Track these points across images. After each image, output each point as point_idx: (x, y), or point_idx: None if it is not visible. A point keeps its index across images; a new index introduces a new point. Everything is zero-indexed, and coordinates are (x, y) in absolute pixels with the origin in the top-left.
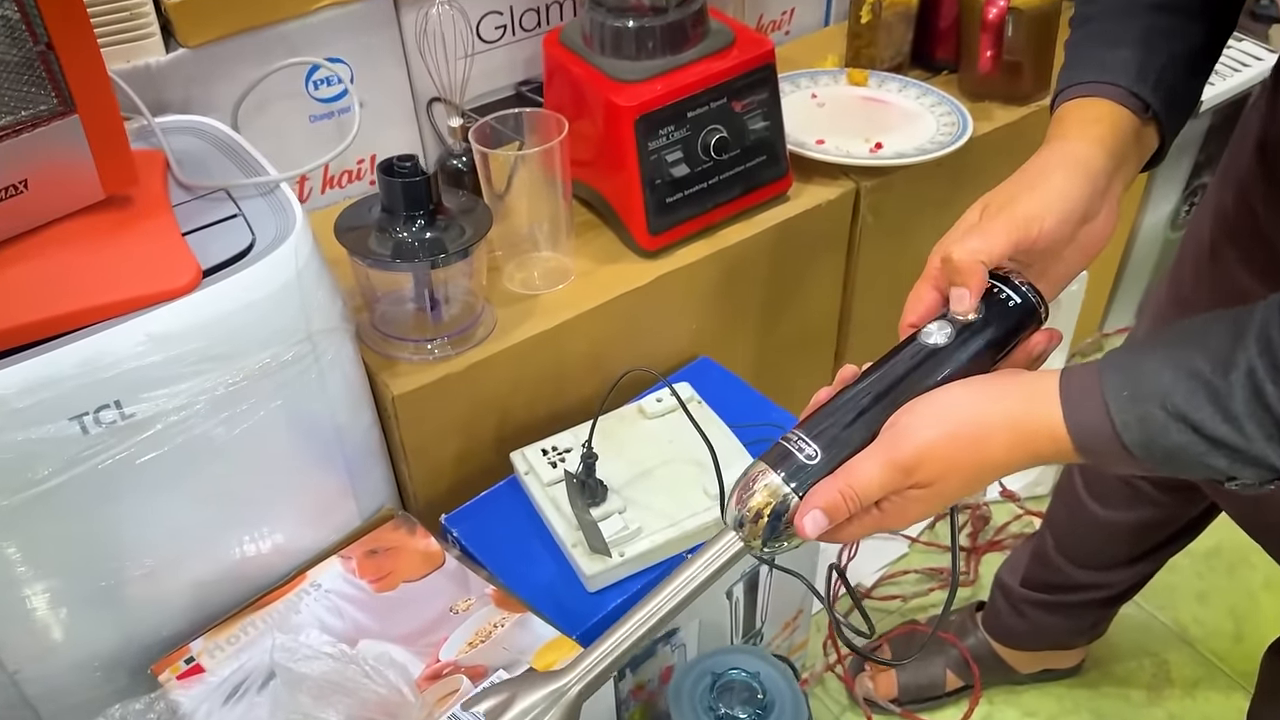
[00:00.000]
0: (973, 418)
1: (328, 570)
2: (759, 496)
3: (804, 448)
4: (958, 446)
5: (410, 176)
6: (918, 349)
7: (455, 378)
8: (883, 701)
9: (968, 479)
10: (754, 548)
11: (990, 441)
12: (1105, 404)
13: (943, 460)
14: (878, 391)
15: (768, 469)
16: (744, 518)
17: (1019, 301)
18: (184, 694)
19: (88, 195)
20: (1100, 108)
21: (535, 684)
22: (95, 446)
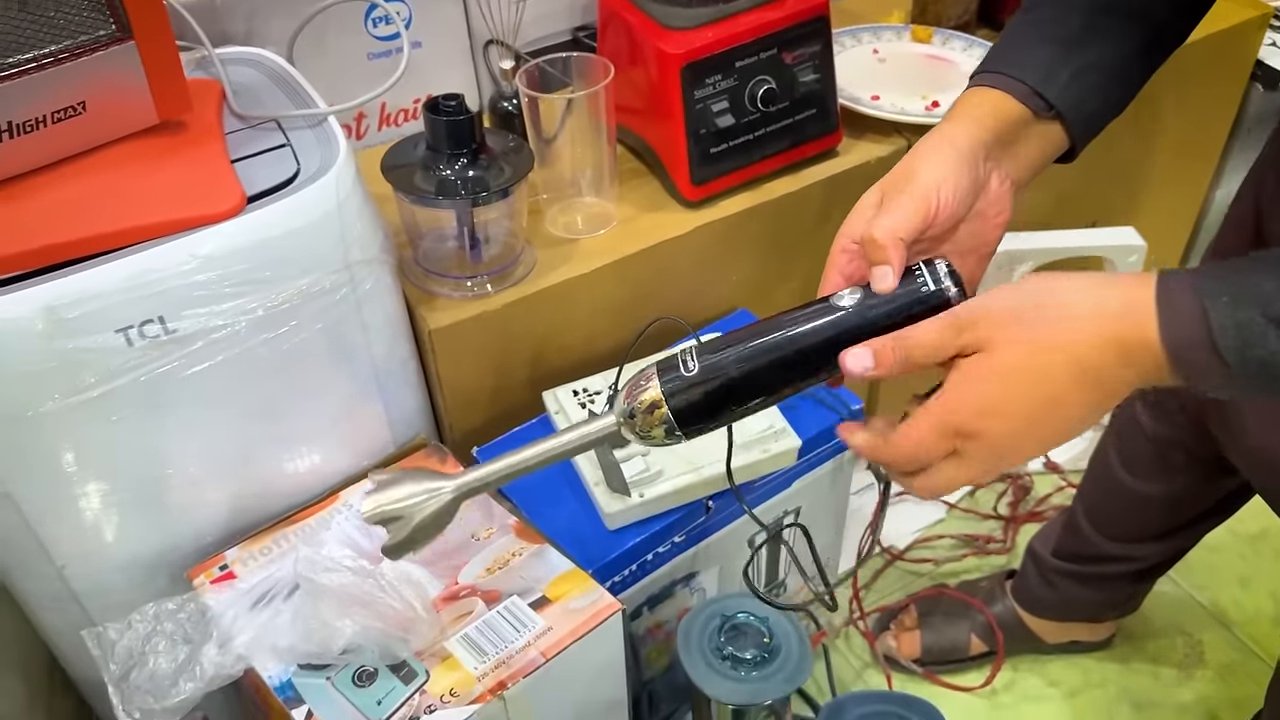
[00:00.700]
0: (1048, 286)
1: (360, 492)
2: (644, 395)
3: (688, 362)
4: (1024, 306)
5: (455, 115)
6: (824, 306)
7: (491, 315)
8: (905, 660)
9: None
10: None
11: (1066, 314)
12: (1203, 306)
13: (1004, 318)
14: (770, 334)
15: (654, 373)
16: (635, 409)
17: (932, 288)
18: (214, 597)
19: (143, 119)
20: (989, 97)
21: (421, 478)
22: (139, 359)
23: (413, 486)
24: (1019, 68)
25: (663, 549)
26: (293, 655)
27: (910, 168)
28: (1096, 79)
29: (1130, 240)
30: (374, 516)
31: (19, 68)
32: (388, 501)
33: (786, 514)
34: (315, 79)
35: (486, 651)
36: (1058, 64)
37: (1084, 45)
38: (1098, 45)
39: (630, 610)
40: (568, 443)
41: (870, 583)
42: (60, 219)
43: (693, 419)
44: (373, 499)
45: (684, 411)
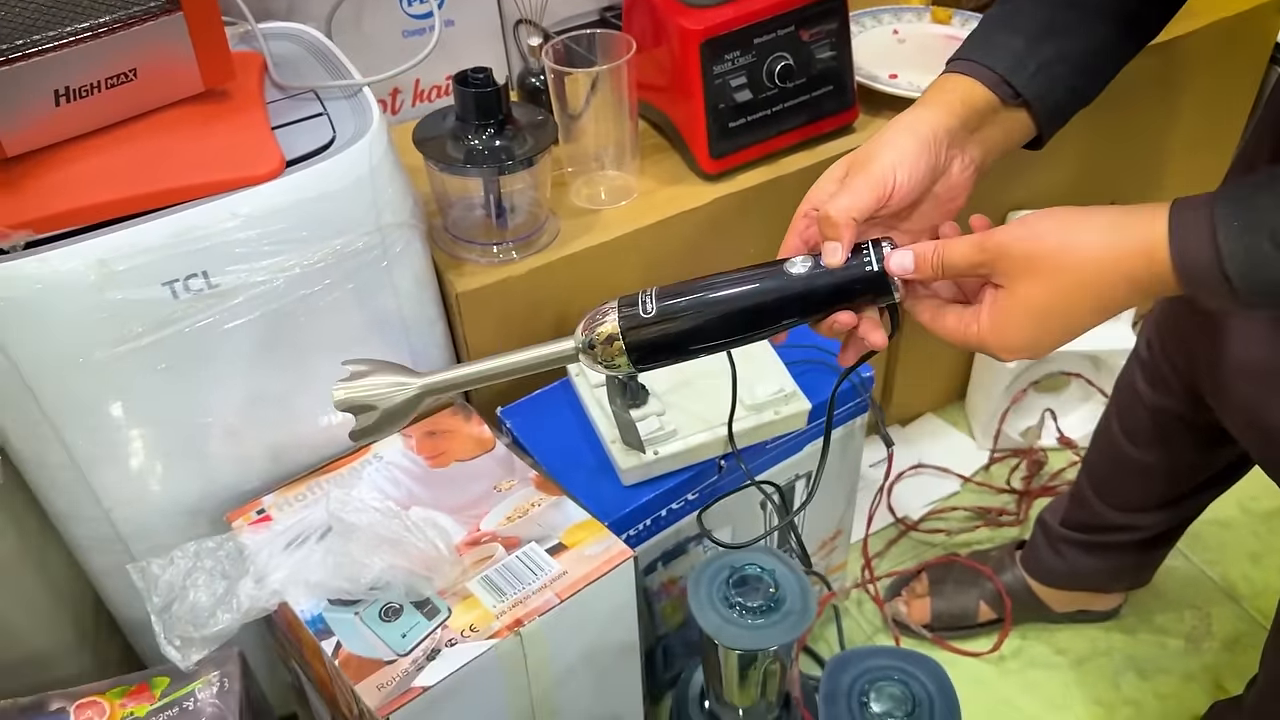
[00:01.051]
0: (1070, 212)
1: (390, 445)
2: (602, 327)
3: (647, 303)
4: (1048, 229)
5: (483, 87)
6: (777, 270)
7: (516, 280)
8: (915, 625)
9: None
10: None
11: (1085, 236)
12: (1213, 229)
13: (1024, 253)
14: (723, 289)
15: (615, 309)
16: (594, 340)
17: (875, 269)
18: (251, 538)
19: (189, 87)
20: (961, 83)
21: (391, 370)
22: (183, 310)
23: (382, 379)
24: (990, 56)
25: (676, 505)
26: (324, 590)
27: (872, 149)
28: (1063, 70)
29: None
30: (344, 403)
31: (76, 36)
32: (358, 389)
33: (798, 477)
34: (352, 54)
35: (505, 592)
36: (1026, 54)
37: (1053, 37)
38: (1066, 37)
39: (645, 565)
40: (526, 360)
41: (883, 551)
42: (112, 179)
43: (646, 355)
44: (344, 386)
45: (638, 347)
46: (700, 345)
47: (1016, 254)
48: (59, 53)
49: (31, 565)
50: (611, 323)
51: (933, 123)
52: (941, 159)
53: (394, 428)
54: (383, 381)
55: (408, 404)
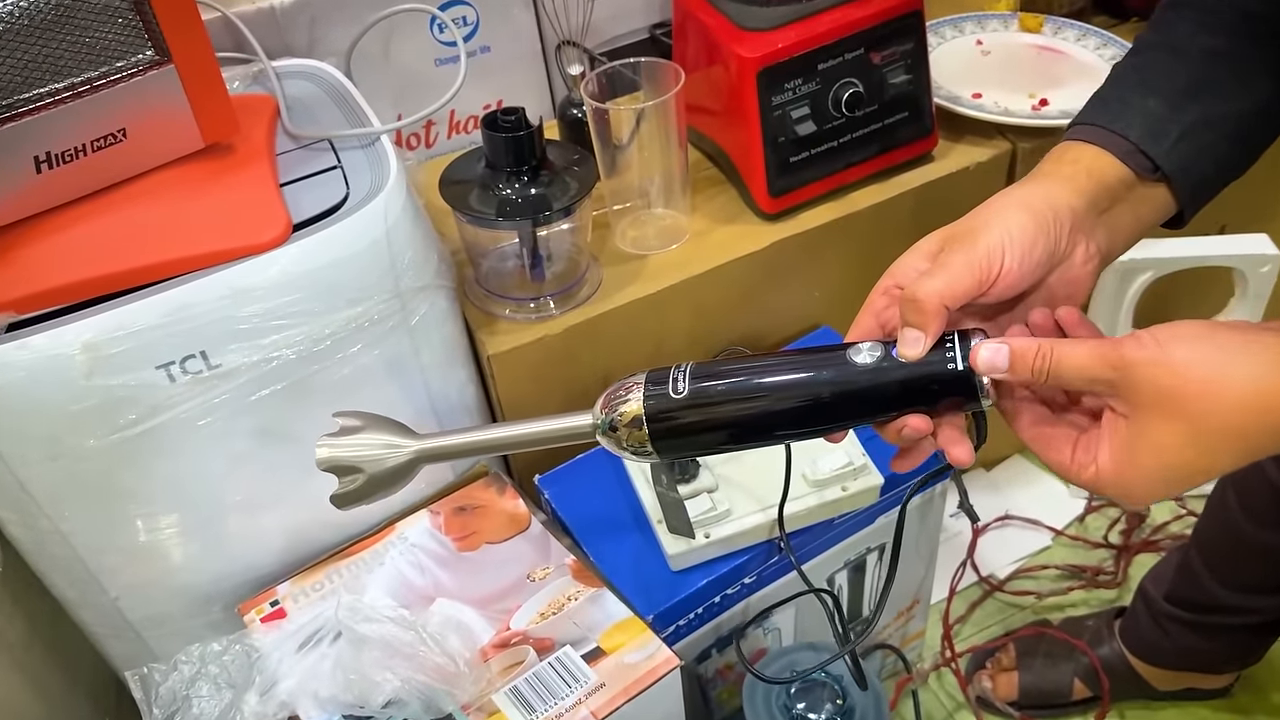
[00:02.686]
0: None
1: (415, 524)
2: (625, 407)
3: (679, 382)
4: (1190, 360)
5: (514, 131)
6: (838, 356)
7: (553, 339)
8: (1000, 703)
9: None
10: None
11: (1238, 370)
12: None
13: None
14: (771, 374)
15: (640, 385)
16: (616, 422)
17: (959, 368)
18: (263, 638)
19: (188, 144)
20: (1085, 154)
21: (386, 429)
22: (181, 394)
23: (374, 437)
24: (1121, 120)
25: (731, 591)
26: (335, 706)
27: (976, 222)
28: (1211, 137)
29: (1264, 249)
30: (326, 462)
31: (55, 96)
32: (344, 447)
33: (869, 550)
34: (380, 87)
35: (535, 708)
36: (1166, 118)
37: (1198, 98)
38: (1214, 98)
39: (698, 653)
40: (536, 433)
41: (965, 615)
42: (100, 252)
43: (674, 446)
44: (329, 443)
45: (665, 435)
46: (737, 441)
47: (1150, 383)
48: (37, 115)
49: (41, 648)
50: (636, 402)
51: (1053, 199)
52: (1062, 244)
53: (382, 495)
54: (374, 441)
55: (398, 470)
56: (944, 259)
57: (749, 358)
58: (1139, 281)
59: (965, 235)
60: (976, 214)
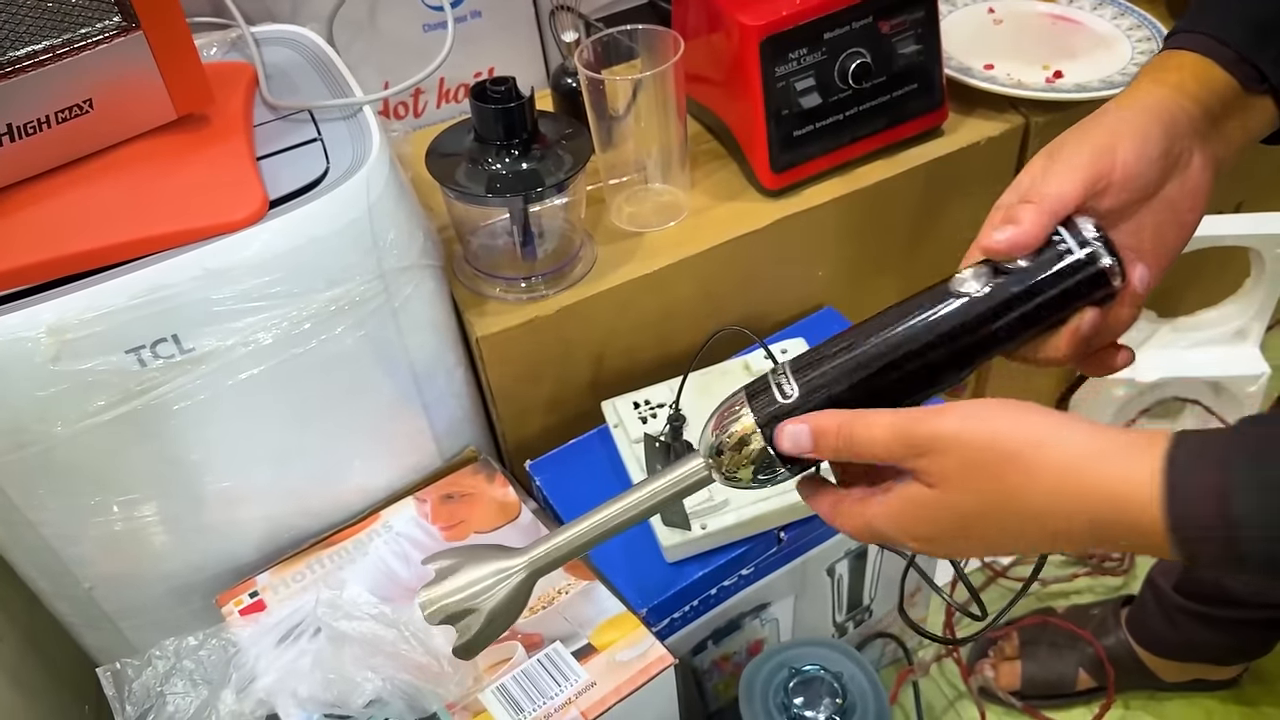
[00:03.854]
0: (1029, 414)
1: (401, 512)
2: (735, 427)
3: (783, 384)
4: (1005, 432)
5: (504, 102)
6: (942, 295)
7: (545, 320)
8: (1003, 693)
9: (1005, 495)
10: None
11: (1053, 454)
12: (1225, 491)
13: (960, 459)
14: (879, 335)
15: (743, 400)
16: (723, 445)
17: (1080, 257)
18: (241, 631)
19: (159, 115)
20: (1190, 61)
21: (486, 558)
22: (153, 379)
23: (477, 570)
24: (1225, 27)
25: (729, 582)
26: (314, 705)
27: (1086, 124)
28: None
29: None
30: (438, 614)
31: (16, 64)
32: (450, 593)
33: None
34: (366, 54)
35: (523, 708)
36: (1271, 26)
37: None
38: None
39: (694, 645)
40: (648, 498)
41: (967, 603)
42: (65, 229)
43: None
44: (432, 592)
45: None
46: None
47: (955, 456)
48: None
49: (19, 640)
50: (747, 418)
51: (1169, 102)
52: (1179, 147)
53: (504, 628)
54: (478, 575)
55: (516, 595)
56: (1053, 162)
57: (844, 334)
58: None
59: (1075, 136)
60: (1084, 123)
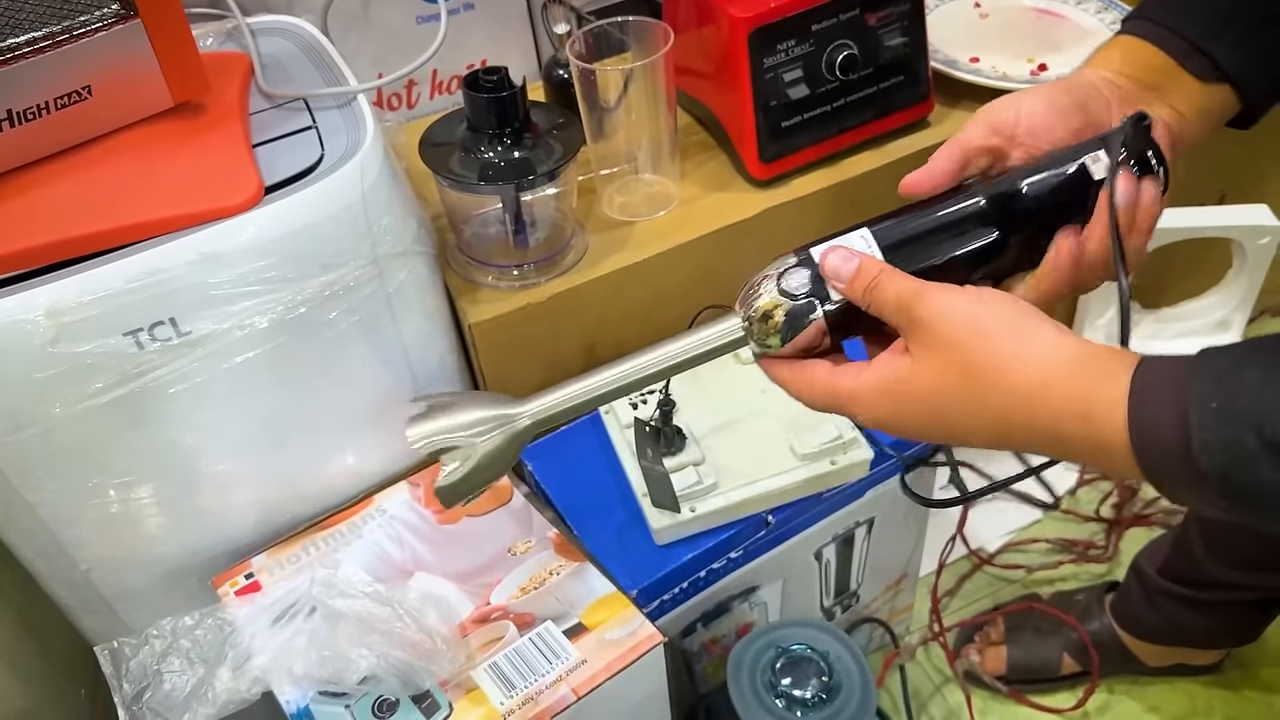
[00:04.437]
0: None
1: (394, 496)
2: (759, 302)
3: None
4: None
5: (496, 91)
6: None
7: (537, 308)
8: (988, 678)
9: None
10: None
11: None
12: (1185, 412)
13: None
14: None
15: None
16: (752, 318)
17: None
18: (236, 611)
19: (156, 103)
20: (1123, 44)
21: (487, 401)
22: (151, 362)
23: (476, 412)
24: (1183, 20)
25: (718, 565)
26: (310, 682)
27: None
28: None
29: (1263, 220)
30: (429, 446)
31: (15, 51)
32: (445, 428)
33: (858, 524)
34: (360, 46)
35: (515, 684)
36: (1231, 13)
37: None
38: None
39: (683, 627)
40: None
41: (954, 589)
42: (63, 214)
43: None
44: (424, 425)
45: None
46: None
47: (944, 329)
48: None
49: (14, 625)
50: (770, 294)
51: (1087, 73)
52: (1096, 107)
53: (492, 479)
54: (477, 416)
55: (510, 446)
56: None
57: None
58: None
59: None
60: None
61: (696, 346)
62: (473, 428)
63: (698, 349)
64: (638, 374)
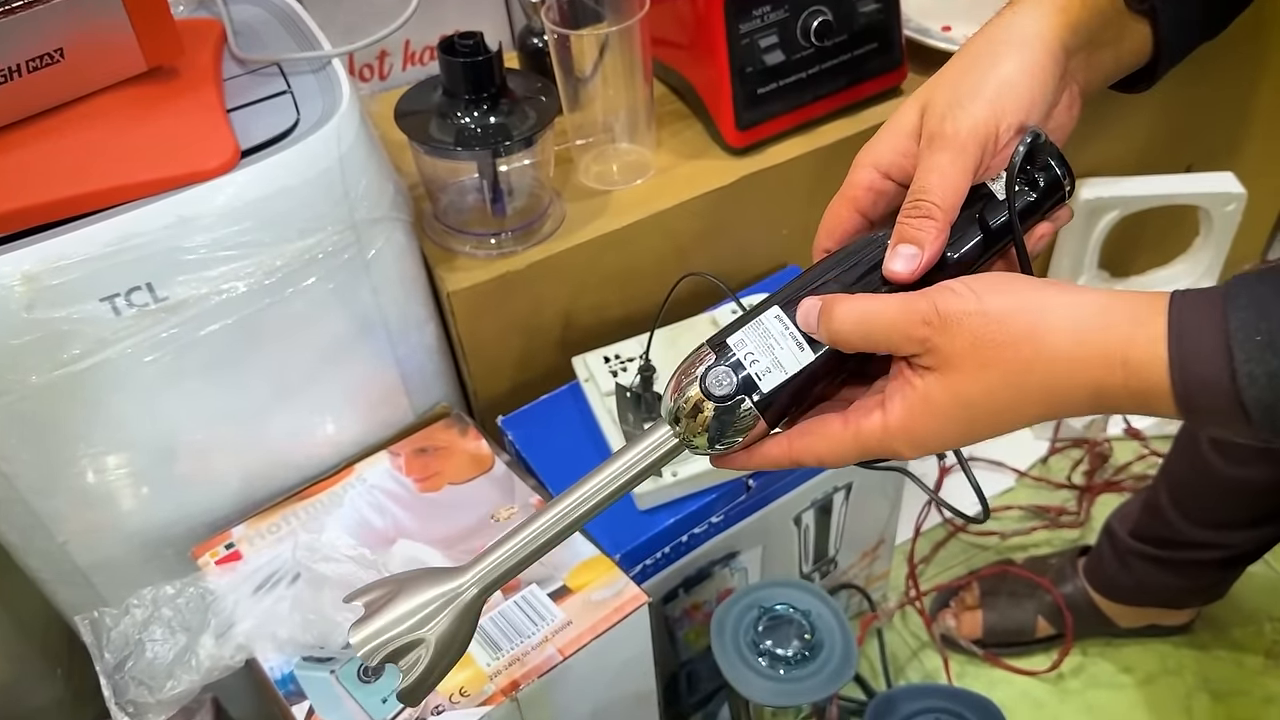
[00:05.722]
0: (1033, 287)
1: (375, 465)
2: (693, 389)
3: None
4: (1009, 309)
5: (472, 56)
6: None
7: (515, 276)
8: (964, 641)
9: (1013, 370)
10: (697, 446)
11: (1056, 321)
12: (1228, 345)
13: (973, 336)
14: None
15: (710, 354)
16: (680, 410)
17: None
18: (217, 580)
19: (130, 67)
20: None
21: (426, 582)
22: (128, 328)
23: (416, 597)
24: None
25: (699, 530)
26: (294, 647)
27: (967, 83)
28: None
29: (1229, 187)
30: (376, 653)
31: None
32: (388, 626)
33: (837, 489)
34: (332, 15)
35: (500, 646)
36: None
37: None
38: None
39: (665, 593)
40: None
41: (929, 556)
42: (38, 178)
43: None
44: (365, 629)
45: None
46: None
47: (967, 334)
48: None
49: None
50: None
51: (1047, 32)
52: (1060, 90)
53: (456, 659)
54: (419, 602)
55: (465, 619)
56: (933, 147)
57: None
58: (1105, 220)
59: (950, 103)
60: (962, 66)
61: (634, 466)
62: (418, 615)
63: (637, 468)
64: (579, 510)
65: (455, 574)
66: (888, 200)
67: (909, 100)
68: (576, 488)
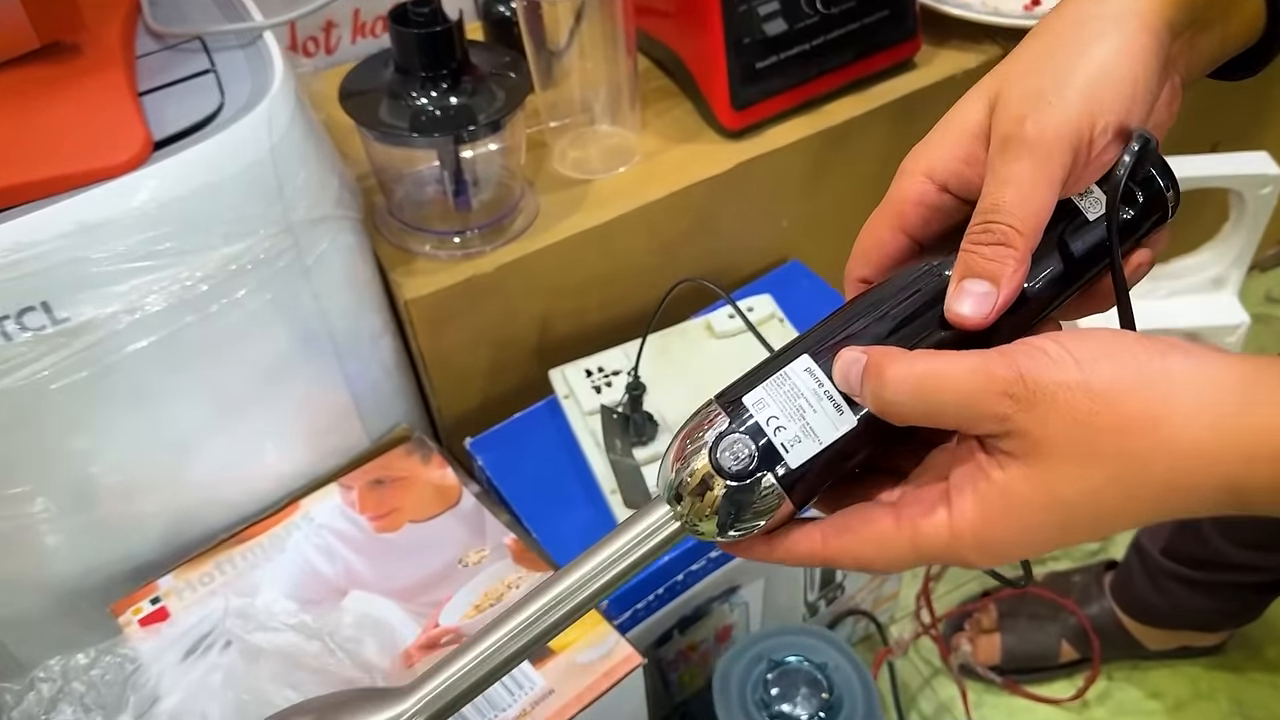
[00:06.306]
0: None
1: (323, 501)
2: (695, 464)
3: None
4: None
5: (428, 25)
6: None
7: (482, 280)
8: (981, 669)
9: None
10: (703, 532)
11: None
12: None
13: (1071, 417)
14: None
15: (721, 415)
16: (684, 486)
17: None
18: (140, 644)
19: (17, 43)
20: None
21: (362, 709)
22: (22, 356)
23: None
24: None
25: (696, 566)
26: None
27: (1052, 71)
28: None
29: (1263, 168)
30: None
31: None
32: None
33: None
34: None
35: None
36: None
37: None
38: None
39: (658, 636)
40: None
41: (940, 573)
42: None
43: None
44: None
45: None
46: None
47: (1061, 416)
48: None
49: None
50: (701, 458)
51: (1146, 10)
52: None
53: None
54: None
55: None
56: (1006, 155)
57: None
58: None
59: (1031, 97)
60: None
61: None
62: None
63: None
64: (551, 615)
65: (395, 698)
66: (942, 219)
67: (972, 92)
68: (549, 587)
